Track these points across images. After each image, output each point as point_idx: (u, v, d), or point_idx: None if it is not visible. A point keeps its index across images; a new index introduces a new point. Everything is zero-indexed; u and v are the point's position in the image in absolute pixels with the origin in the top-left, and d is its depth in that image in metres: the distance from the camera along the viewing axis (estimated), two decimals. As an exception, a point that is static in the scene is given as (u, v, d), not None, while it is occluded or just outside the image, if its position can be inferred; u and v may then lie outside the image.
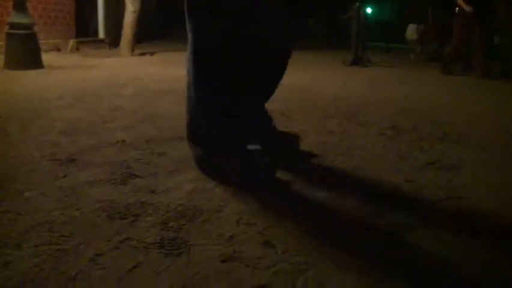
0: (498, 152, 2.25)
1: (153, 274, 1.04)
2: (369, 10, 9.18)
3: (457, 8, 6.23)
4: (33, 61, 5.18)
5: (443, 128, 2.73)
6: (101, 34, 9.57)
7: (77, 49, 7.82)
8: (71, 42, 7.85)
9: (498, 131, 2.75)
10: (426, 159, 2.05)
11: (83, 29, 8.94)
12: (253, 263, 1.10)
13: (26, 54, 5.17)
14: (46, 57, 5.75)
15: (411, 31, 9.86)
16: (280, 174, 1.75)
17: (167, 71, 5.32)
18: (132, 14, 7.33)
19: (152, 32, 10.69)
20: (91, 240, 1.19)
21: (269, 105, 1.96)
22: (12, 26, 5.16)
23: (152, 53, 7.64)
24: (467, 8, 5.97)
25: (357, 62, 7.26)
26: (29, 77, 4.48)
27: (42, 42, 5.94)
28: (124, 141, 2.16)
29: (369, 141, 2.35)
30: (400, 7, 12.31)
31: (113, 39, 8.51)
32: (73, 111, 2.85)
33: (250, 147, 1.74)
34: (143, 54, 7.48)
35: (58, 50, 7.68)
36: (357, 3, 7.58)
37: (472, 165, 1.99)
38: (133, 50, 7.45)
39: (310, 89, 4.36)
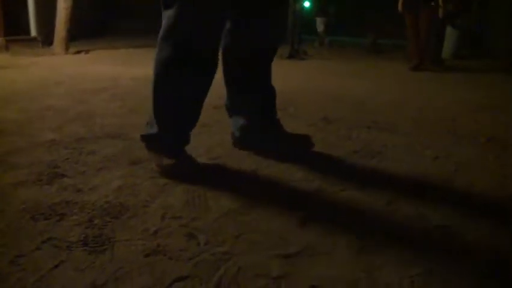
0: (419, 137, 2.37)
1: (75, 272, 1.05)
2: (307, 4, 9.32)
3: None
4: (-44, 61, 4.93)
5: (372, 117, 2.84)
6: (34, 32, 9.19)
7: (7, 48, 7.48)
8: (0, 40, 7.50)
9: (422, 118, 2.89)
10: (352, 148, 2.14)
11: (13, 27, 8.57)
12: (176, 255, 1.13)
13: None
14: (-28, 57, 5.50)
15: (319, 23, 10.81)
16: (208, 167, 1.78)
17: (102, 69, 5.21)
18: (64, 10, 7.09)
19: (88, 29, 10.38)
20: (13, 242, 1.18)
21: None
22: None
23: (87, 51, 7.43)
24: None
25: (294, 55, 7.35)
26: (-47, 78, 4.27)
27: (-34, 41, 5.66)
28: (53, 140, 2.12)
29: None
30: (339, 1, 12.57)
31: (46, 37, 8.21)
32: (1, 112, 2.76)
33: None
34: (78, 52, 7.25)
35: (-14, 49, 7.34)
36: (294, -3, 7.68)
37: (393, 150, 2.11)
38: (67, 48, 7.22)
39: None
